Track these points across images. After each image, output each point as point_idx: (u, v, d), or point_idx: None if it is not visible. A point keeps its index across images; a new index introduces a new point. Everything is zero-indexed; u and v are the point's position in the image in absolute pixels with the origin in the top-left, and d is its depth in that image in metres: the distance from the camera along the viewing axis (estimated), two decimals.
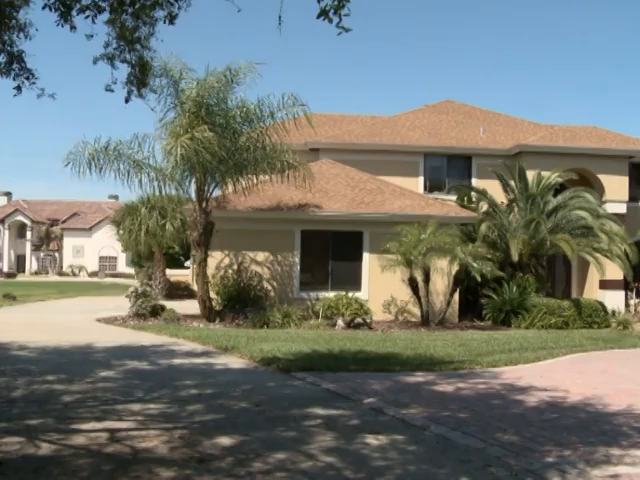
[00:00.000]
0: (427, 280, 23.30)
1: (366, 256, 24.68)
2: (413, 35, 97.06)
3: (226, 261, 23.86)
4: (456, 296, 24.58)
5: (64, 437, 7.59)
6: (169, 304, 24.55)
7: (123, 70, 10.13)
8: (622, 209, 31.30)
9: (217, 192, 23.81)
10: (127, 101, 10.41)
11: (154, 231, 33.31)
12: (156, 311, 22.55)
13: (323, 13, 7.09)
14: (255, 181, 23.17)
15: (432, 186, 31.98)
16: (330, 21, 7.10)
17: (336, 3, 7.03)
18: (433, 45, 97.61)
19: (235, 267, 23.73)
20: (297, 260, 24.35)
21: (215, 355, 14.66)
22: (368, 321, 22.24)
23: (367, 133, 32.70)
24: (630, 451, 7.40)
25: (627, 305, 31.34)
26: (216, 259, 23.64)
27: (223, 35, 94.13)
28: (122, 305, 25.07)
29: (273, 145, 22.22)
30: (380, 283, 24.07)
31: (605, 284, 30.45)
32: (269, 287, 23.94)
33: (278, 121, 22.00)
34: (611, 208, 30.01)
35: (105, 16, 9.14)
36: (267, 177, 23.62)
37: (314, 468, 6.58)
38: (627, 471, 6.66)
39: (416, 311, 23.87)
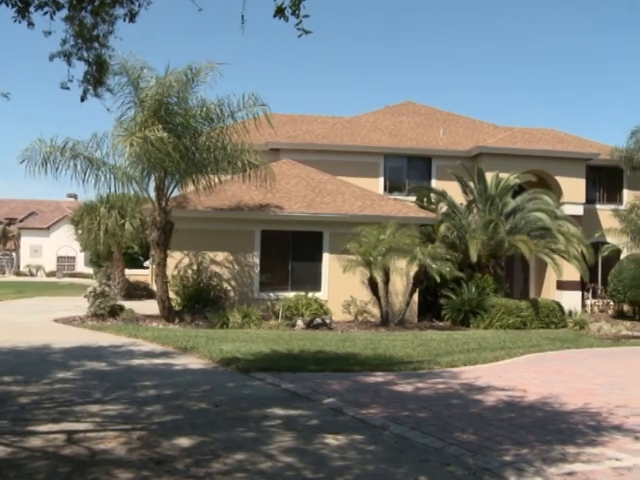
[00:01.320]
0: (387, 280, 23.41)
1: (326, 256, 24.72)
2: (374, 36, 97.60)
3: (186, 261, 23.74)
4: (415, 296, 24.72)
5: (20, 439, 7.50)
6: (128, 304, 24.37)
7: (80, 68, 10.02)
8: (579, 211, 31.69)
9: (177, 192, 23.71)
10: (83, 100, 10.29)
11: (113, 231, 33.02)
12: (115, 311, 22.35)
13: (279, 11, 7.07)
14: (216, 181, 23.09)
15: (392, 187, 32.12)
16: (286, 20, 7.08)
17: (292, 1, 7.01)
18: (393, 46, 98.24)
19: (195, 267, 23.62)
20: (257, 260, 24.31)
21: (174, 355, 14.59)
22: (328, 321, 22.27)
23: (328, 134, 32.75)
24: (585, 449, 7.50)
25: (584, 305, 31.73)
26: (175, 259, 23.51)
27: (185, 34, 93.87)
28: (80, 305, 24.82)
29: (234, 145, 22.14)
30: (340, 283, 24.13)
31: (562, 285, 30.81)
32: (229, 287, 23.88)
33: (239, 121, 21.94)
34: (568, 210, 30.36)
35: (64, 13, 9.02)
36: (228, 177, 23.56)
37: (273, 468, 6.58)
38: (582, 469, 6.75)
39: (376, 311, 23.97)
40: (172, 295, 22.67)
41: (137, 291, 34.88)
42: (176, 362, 13.61)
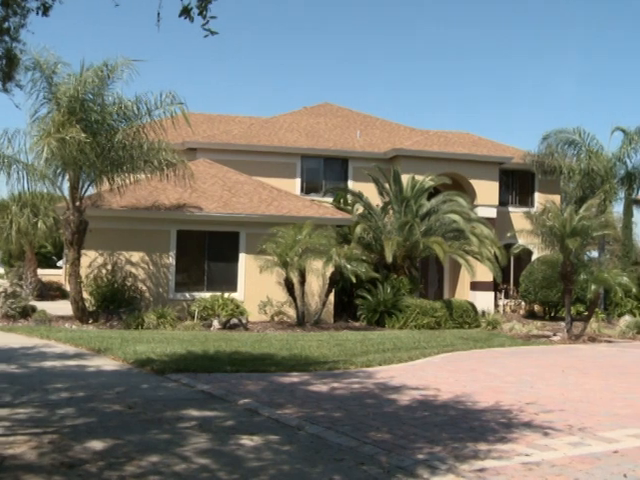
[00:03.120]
0: (303, 281, 23.49)
1: (242, 257, 24.66)
2: (291, 36, 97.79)
3: (100, 261, 23.38)
4: (331, 297, 24.85)
5: None
6: (41, 305, 23.90)
7: None
8: (492, 213, 32.33)
9: (93, 190, 23.33)
10: None
11: (25, 229, 32.26)
12: (27, 312, 21.88)
13: (185, 11, 7.01)
14: (132, 180, 22.82)
15: (309, 188, 32.21)
16: (192, 20, 7.02)
17: (199, 2, 6.96)
18: (311, 47, 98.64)
19: (109, 267, 23.29)
20: (173, 260, 24.10)
21: (88, 357, 14.35)
22: (244, 322, 22.22)
23: (245, 134, 32.66)
24: (497, 445, 7.65)
25: (496, 305, 32.38)
26: (90, 258, 23.13)
27: (102, 30, 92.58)
28: None
29: (150, 143, 21.91)
30: (256, 284, 24.11)
31: (476, 285, 31.37)
32: (144, 287, 23.61)
33: (156, 119, 21.74)
34: (482, 212, 30.94)
35: None
36: (144, 176, 23.30)
37: (188, 470, 6.54)
38: (493, 465, 6.88)
39: (292, 312, 24.01)
40: (86, 295, 22.29)
41: (50, 291, 34.25)
42: (89, 364, 13.39)
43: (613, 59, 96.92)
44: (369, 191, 28.66)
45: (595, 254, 31.07)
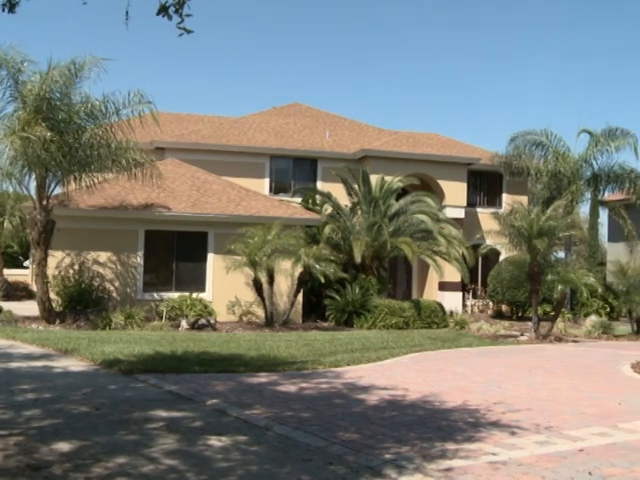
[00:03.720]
0: (271, 281, 23.48)
1: (211, 257, 24.59)
2: (260, 36, 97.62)
3: (67, 261, 23.19)
4: (300, 297, 24.86)
5: None
6: (7, 305, 23.69)
7: None
8: (460, 214, 32.52)
9: (60, 189, 23.13)
10: None
11: None
12: None
13: (163, 9, 7.00)
14: (99, 179, 22.67)
15: (278, 188, 32.21)
16: (170, 18, 7.01)
17: (176, 0, 6.95)
18: (281, 47, 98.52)
19: (77, 267, 23.11)
20: (141, 260, 23.97)
21: (55, 358, 14.23)
22: (212, 322, 22.16)
23: (214, 134, 32.58)
24: (464, 445, 7.69)
25: (464, 306, 32.59)
26: (57, 259, 22.93)
27: (69, 28, 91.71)
28: None
29: (118, 142, 21.75)
30: (225, 284, 24.05)
31: (444, 286, 31.54)
32: (112, 288, 23.47)
33: (124, 118, 21.61)
34: (450, 213, 31.11)
35: None
36: (112, 175, 23.16)
37: (156, 471, 6.51)
38: (461, 464, 6.93)
39: (260, 312, 23.98)
40: (53, 296, 22.10)
41: (17, 292, 33.90)
42: (56, 364, 13.28)
43: (581, 61, 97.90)
44: (338, 191, 28.71)
45: (562, 255, 31.36)
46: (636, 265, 25.80)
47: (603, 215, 38.08)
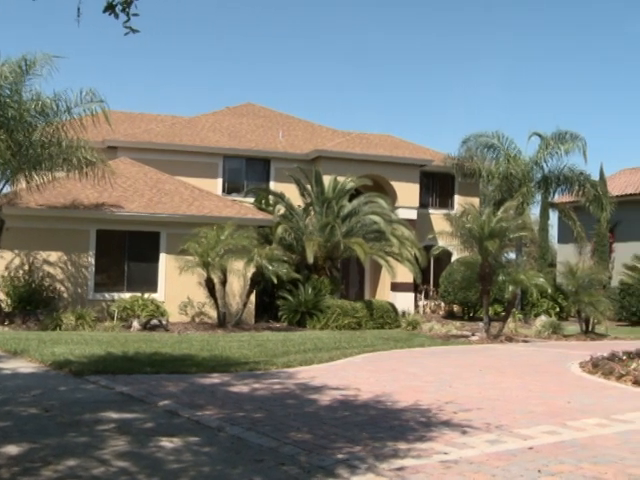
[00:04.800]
0: (224, 282, 23.42)
1: (163, 257, 24.45)
2: (213, 36, 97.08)
3: (17, 261, 22.88)
4: (253, 297, 24.83)
5: None
6: None
7: None
8: (413, 215, 32.72)
9: (9, 188, 22.80)
10: None
11: None
12: None
13: (110, 7, 6.93)
14: (50, 178, 22.39)
15: (231, 188, 32.11)
16: (117, 17, 6.94)
17: None
18: (234, 47, 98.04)
19: (27, 267, 22.81)
20: (92, 260, 23.74)
21: (3, 359, 14.03)
22: (164, 323, 22.04)
23: (167, 133, 32.38)
24: (416, 444, 7.73)
25: (416, 306, 32.79)
26: (6, 259, 22.62)
27: (19, 26, 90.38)
28: None
29: (70, 141, 21.50)
30: (177, 284, 23.93)
31: (396, 286, 31.68)
32: (62, 288, 23.20)
33: (75, 117, 21.37)
34: (403, 214, 31.26)
35: None
36: (63, 174, 22.89)
37: (106, 474, 6.45)
38: (412, 463, 6.96)
39: (213, 313, 23.91)
40: (2, 296, 21.82)
41: None
42: (5, 366, 13.10)
43: (533, 64, 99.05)
44: (291, 192, 28.72)
45: (513, 256, 31.71)
46: (585, 266, 26.21)
47: (553, 217, 38.68)
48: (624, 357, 15.20)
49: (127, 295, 23.27)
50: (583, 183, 32.88)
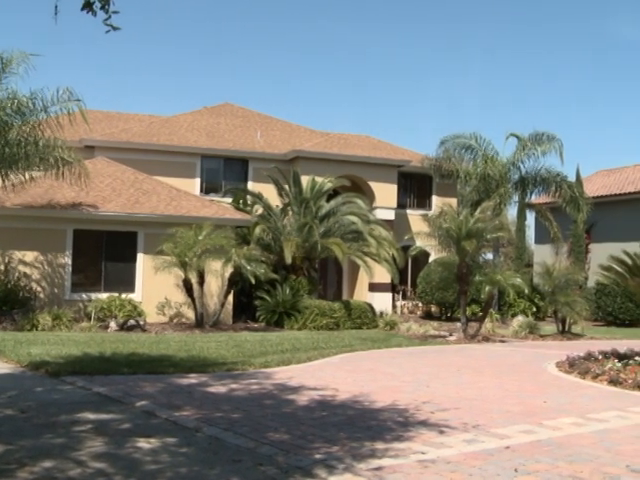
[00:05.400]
0: (202, 282, 23.36)
1: (140, 257, 24.35)
2: (192, 35, 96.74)
3: None
4: (230, 298, 24.79)
5: None
6: None
7: None
8: (391, 215, 32.76)
9: None
10: None
11: None
12: None
13: (87, 5, 6.89)
14: (27, 177, 22.24)
15: (209, 188, 32.03)
16: (94, 15, 6.90)
17: None
18: (211, 46, 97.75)
19: (2, 267, 22.65)
20: (69, 260, 23.60)
21: None
22: (142, 323, 21.96)
23: (144, 132, 32.25)
24: (393, 444, 7.75)
25: (394, 306, 32.82)
26: None
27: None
28: None
29: (46, 140, 21.36)
30: (155, 285, 23.84)
31: (374, 287, 31.70)
32: (39, 288, 23.05)
33: (52, 116, 21.24)
34: (381, 214, 31.29)
35: None
36: (40, 173, 22.74)
37: (83, 475, 6.41)
38: (390, 463, 6.98)
39: (191, 313, 23.85)
40: None
41: None
42: None
43: (511, 66, 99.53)
44: (269, 192, 28.70)
45: (490, 256, 31.83)
46: (561, 266, 26.35)
47: (530, 218, 38.90)
48: (600, 357, 15.30)
49: (104, 295, 23.16)
50: (560, 184, 33.03)
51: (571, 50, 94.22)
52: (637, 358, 14.43)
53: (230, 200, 29.85)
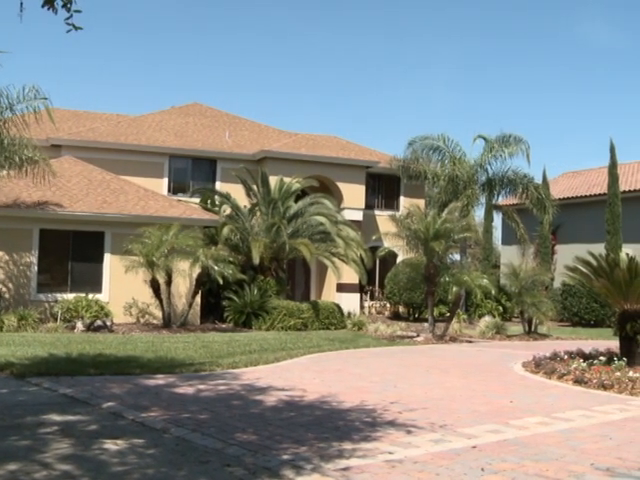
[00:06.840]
0: (169, 282, 23.27)
1: (108, 257, 24.19)
2: (159, 35, 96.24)
3: None
4: (198, 298, 24.71)
5: None
6: None
7: None
8: (359, 216, 32.81)
9: None
10: None
11: None
12: None
13: (48, 2, 6.82)
14: None
15: (176, 188, 31.89)
16: (55, 12, 6.83)
17: None
18: (180, 46, 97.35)
19: None
20: (35, 260, 23.39)
21: None
22: (109, 324, 21.81)
23: (112, 132, 32.04)
24: (361, 444, 7.78)
25: (362, 307, 32.90)
26: None
27: None
28: None
29: (12, 139, 21.15)
30: (122, 285, 23.69)
31: (342, 287, 31.73)
32: (4, 289, 22.82)
33: (18, 114, 21.03)
34: (349, 215, 31.31)
35: None
36: (5, 172, 22.51)
37: (49, 477, 6.36)
38: (358, 463, 7.00)
39: (158, 313, 23.75)
40: None
41: None
42: None
43: (478, 68, 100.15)
44: (237, 192, 28.63)
45: (457, 257, 32.00)
46: (528, 267, 26.58)
47: (497, 219, 39.19)
48: (565, 357, 15.47)
49: (71, 296, 22.98)
50: (527, 186, 33.24)
51: (540, 54, 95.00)
52: (602, 358, 14.61)
53: (198, 200, 29.75)
